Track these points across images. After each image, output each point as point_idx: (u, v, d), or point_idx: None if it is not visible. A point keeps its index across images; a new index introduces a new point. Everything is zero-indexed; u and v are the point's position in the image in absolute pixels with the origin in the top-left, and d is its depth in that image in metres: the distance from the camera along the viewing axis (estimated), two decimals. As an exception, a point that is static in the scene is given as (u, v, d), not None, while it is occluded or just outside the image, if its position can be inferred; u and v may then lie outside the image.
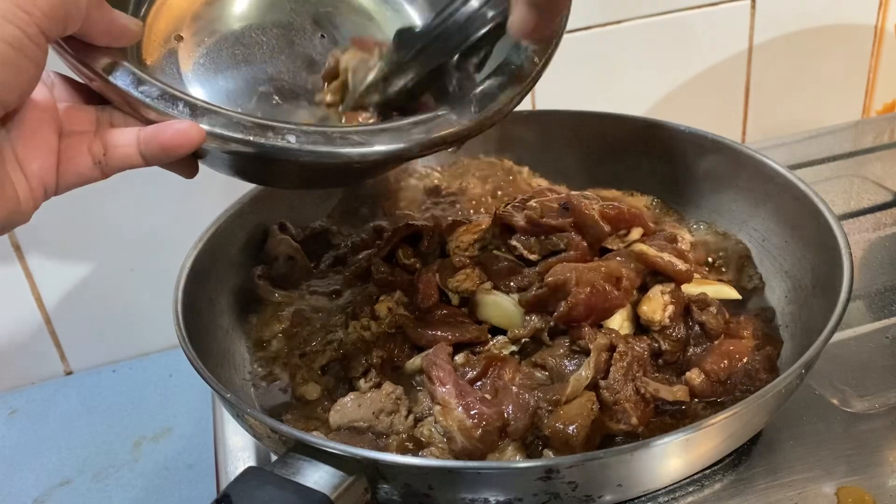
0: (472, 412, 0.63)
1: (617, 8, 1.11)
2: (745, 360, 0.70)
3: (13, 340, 1.03)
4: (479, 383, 0.68)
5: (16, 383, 1.05)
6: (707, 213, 0.92)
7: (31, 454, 0.94)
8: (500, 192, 0.98)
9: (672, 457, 0.58)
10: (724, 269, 0.85)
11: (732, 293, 0.79)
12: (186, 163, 0.61)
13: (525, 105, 1.12)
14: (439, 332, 0.73)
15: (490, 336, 0.73)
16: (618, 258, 0.74)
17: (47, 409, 1.01)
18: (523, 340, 0.71)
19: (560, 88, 1.13)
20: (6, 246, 0.98)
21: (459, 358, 0.71)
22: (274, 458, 0.60)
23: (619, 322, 0.71)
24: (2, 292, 1.00)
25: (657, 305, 0.71)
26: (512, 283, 0.73)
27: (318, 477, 0.54)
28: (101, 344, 1.07)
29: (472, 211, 0.96)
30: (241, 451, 0.77)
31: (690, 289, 0.76)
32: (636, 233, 0.77)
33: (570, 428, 0.62)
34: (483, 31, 0.66)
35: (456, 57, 0.68)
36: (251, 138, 0.58)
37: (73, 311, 1.04)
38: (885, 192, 1.08)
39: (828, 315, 0.65)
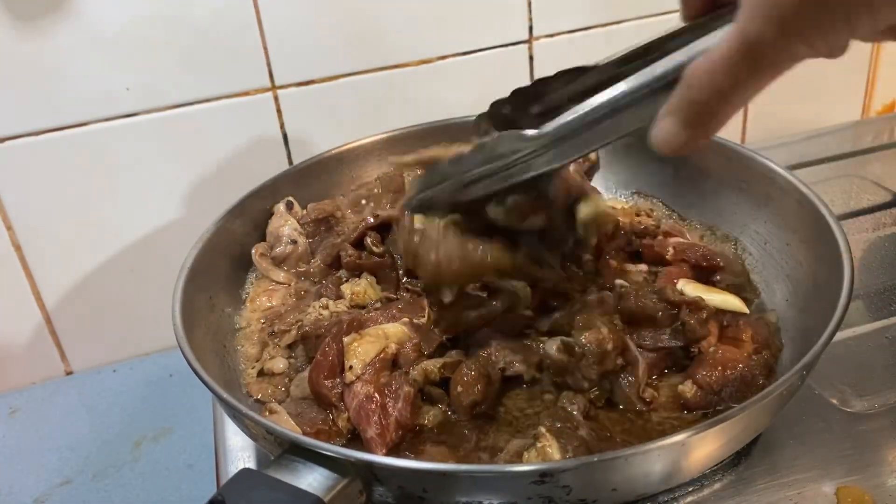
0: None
1: (617, 8, 1.11)
2: (740, 367, 0.70)
3: (13, 340, 1.03)
4: None
5: (16, 383, 1.05)
6: (710, 216, 0.91)
7: (31, 454, 0.94)
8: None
9: (669, 462, 0.58)
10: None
11: (740, 306, 0.77)
12: None
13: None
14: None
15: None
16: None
17: (47, 409, 1.01)
18: None
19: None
20: (6, 246, 0.98)
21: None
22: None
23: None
24: (2, 292, 1.00)
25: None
26: None
27: (312, 479, 0.54)
28: (101, 344, 1.07)
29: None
30: (240, 451, 0.77)
31: (698, 291, 0.76)
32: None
33: None
34: None
35: None
36: None
37: (73, 311, 1.04)
38: (885, 192, 1.08)
39: (828, 318, 0.65)
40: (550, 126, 0.61)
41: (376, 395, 0.68)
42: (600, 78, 0.61)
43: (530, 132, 0.62)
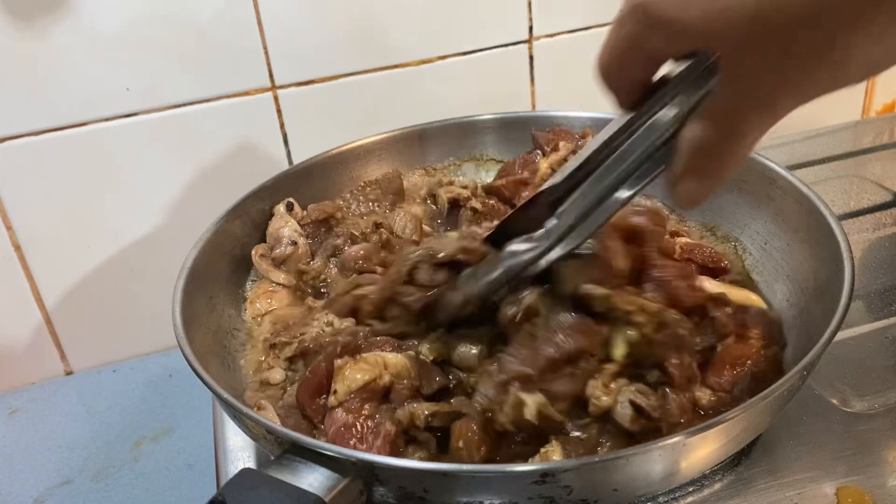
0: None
1: (617, 7, 1.11)
2: (749, 363, 0.69)
3: (13, 340, 1.03)
4: None
5: (16, 383, 1.05)
6: (710, 216, 0.91)
7: (31, 454, 0.94)
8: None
9: (669, 462, 0.58)
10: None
11: (759, 300, 0.77)
12: None
13: (525, 106, 1.13)
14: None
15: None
16: None
17: (47, 409, 1.01)
18: None
19: (560, 89, 1.14)
20: (6, 246, 0.98)
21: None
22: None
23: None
24: (2, 292, 1.00)
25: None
26: None
27: (312, 479, 0.54)
28: (101, 344, 1.07)
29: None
30: (241, 451, 0.77)
31: (716, 288, 0.75)
32: None
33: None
34: None
35: None
36: None
37: (73, 311, 1.04)
38: (885, 192, 1.08)
39: (829, 318, 0.64)
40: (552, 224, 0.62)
41: (356, 425, 0.65)
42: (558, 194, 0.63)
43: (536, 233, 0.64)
